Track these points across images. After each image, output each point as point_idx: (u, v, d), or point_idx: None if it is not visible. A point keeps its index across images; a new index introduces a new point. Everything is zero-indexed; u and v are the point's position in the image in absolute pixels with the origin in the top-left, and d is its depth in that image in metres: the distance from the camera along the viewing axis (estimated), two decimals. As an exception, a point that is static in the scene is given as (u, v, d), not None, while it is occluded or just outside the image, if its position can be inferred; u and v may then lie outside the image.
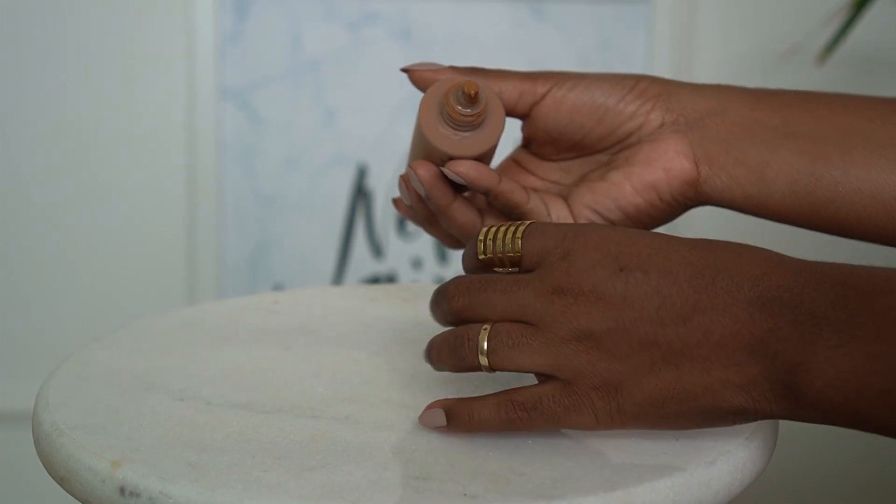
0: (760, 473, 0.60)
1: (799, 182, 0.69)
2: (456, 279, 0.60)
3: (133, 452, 0.56)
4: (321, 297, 0.83)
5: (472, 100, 0.67)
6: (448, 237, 0.74)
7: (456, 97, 0.67)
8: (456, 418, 0.59)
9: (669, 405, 0.55)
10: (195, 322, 0.77)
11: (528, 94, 0.71)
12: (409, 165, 0.70)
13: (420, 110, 0.69)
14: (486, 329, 0.58)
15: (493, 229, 0.61)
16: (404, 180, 0.71)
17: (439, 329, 0.62)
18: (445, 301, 0.60)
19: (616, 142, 0.72)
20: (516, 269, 0.60)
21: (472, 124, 0.68)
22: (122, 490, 0.54)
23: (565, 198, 0.72)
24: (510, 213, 0.70)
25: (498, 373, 0.59)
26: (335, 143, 1.77)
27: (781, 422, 0.63)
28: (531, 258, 0.59)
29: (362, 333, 0.75)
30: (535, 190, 0.73)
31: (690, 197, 0.71)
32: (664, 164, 0.70)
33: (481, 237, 0.61)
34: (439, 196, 0.69)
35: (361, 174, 1.77)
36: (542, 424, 0.57)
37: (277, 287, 1.79)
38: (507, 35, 1.73)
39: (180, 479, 0.54)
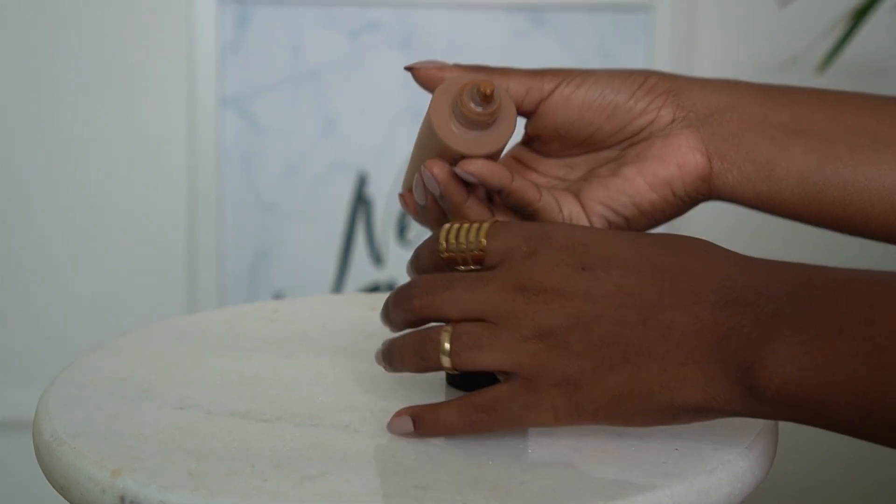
0: (760, 482, 0.60)
1: (808, 180, 0.69)
2: (418, 278, 0.61)
3: (133, 461, 0.57)
4: (321, 306, 0.83)
5: (487, 99, 0.66)
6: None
7: (471, 96, 0.66)
8: (422, 424, 0.59)
9: (627, 402, 0.56)
10: (195, 330, 0.77)
11: (535, 91, 0.70)
12: (424, 165, 0.69)
13: (431, 108, 0.68)
14: (447, 330, 0.58)
15: (457, 226, 0.61)
16: (419, 180, 0.70)
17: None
18: (408, 300, 0.60)
19: (626, 138, 0.71)
20: (479, 267, 0.60)
21: (486, 123, 0.67)
22: (122, 499, 0.54)
23: (576, 194, 0.71)
24: (522, 211, 0.70)
25: None
26: (335, 151, 1.77)
27: (781, 429, 0.63)
28: (495, 256, 0.59)
29: (362, 342, 0.75)
30: (542, 187, 0.72)
31: (703, 192, 0.70)
32: (677, 159, 0.70)
33: (443, 234, 0.61)
34: (454, 195, 0.68)
35: (361, 182, 1.78)
36: (504, 424, 0.58)
37: (277, 294, 1.79)
38: (506, 43, 1.73)
39: (180, 488, 0.54)
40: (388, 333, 0.76)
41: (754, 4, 1.73)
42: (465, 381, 0.66)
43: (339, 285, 1.79)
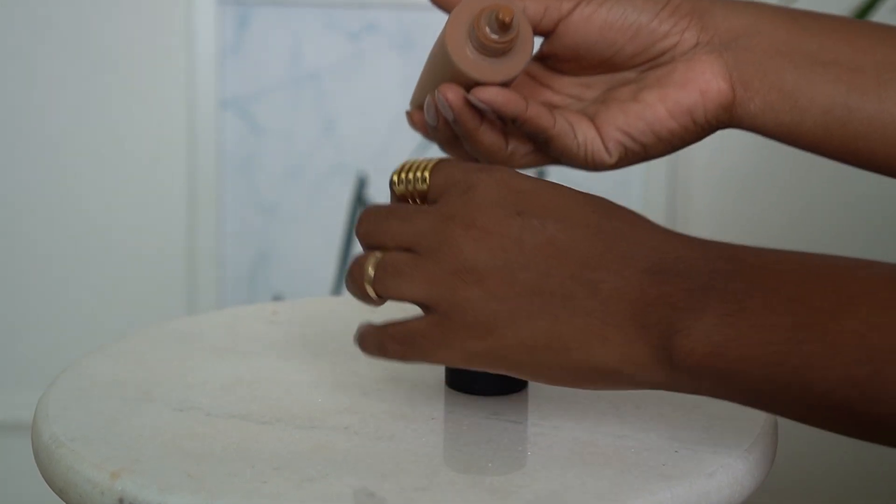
0: (760, 485, 0.60)
1: (832, 112, 0.66)
2: (369, 207, 0.61)
3: (132, 463, 0.56)
4: (321, 308, 0.83)
5: (505, 27, 0.63)
6: (470, 159, 0.71)
7: (488, 22, 0.63)
8: (360, 341, 0.60)
9: (541, 354, 0.55)
10: (194, 332, 0.77)
11: (553, 11, 0.67)
12: (438, 89, 0.67)
13: (445, 31, 0.65)
14: (376, 257, 0.58)
15: (409, 164, 0.61)
16: (431, 102, 0.68)
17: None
18: (356, 226, 0.60)
19: (647, 60, 0.68)
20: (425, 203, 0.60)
21: (502, 51, 0.64)
22: (121, 501, 0.54)
23: (592, 118, 0.69)
24: (536, 137, 0.68)
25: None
26: (335, 153, 1.77)
27: (780, 431, 0.63)
28: (436, 191, 0.59)
29: (362, 344, 0.75)
30: (555, 107, 0.70)
31: (723, 121, 0.68)
32: (700, 85, 0.67)
33: (397, 171, 0.61)
34: (467, 120, 0.67)
35: (361, 184, 1.78)
36: (415, 358, 0.57)
37: (277, 297, 1.79)
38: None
39: (179, 490, 0.54)
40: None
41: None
42: (464, 382, 0.66)
43: (339, 287, 1.79)
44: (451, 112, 0.66)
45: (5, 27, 1.73)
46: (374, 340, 0.59)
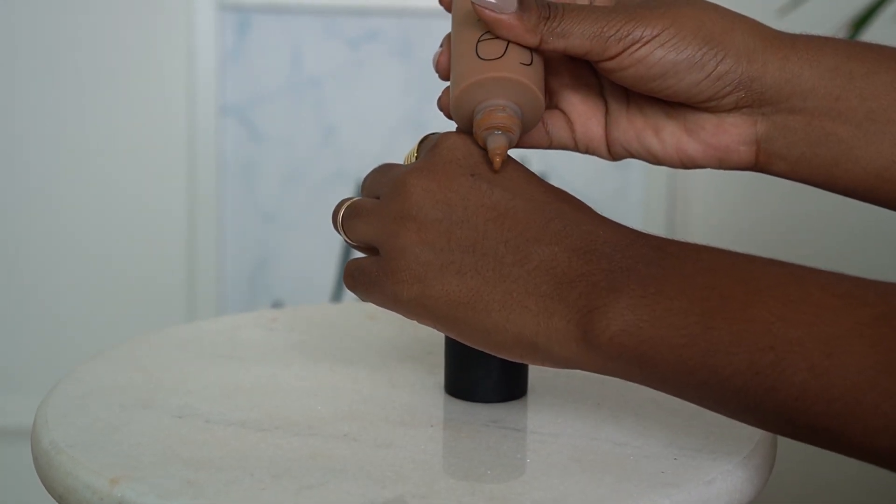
0: (759, 493, 0.60)
1: (889, 169, 0.64)
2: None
3: (131, 470, 0.56)
4: (320, 315, 0.83)
5: None
6: None
7: None
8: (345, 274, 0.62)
9: (463, 311, 0.56)
10: (194, 339, 0.77)
11: (594, 55, 0.62)
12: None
13: None
14: (349, 200, 0.62)
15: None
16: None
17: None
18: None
19: (680, 99, 0.65)
20: None
21: None
22: (120, 508, 0.54)
23: (605, 112, 0.67)
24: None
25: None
26: (335, 160, 1.78)
27: (780, 442, 0.63)
28: (420, 156, 0.62)
29: (361, 351, 0.75)
30: (574, 89, 0.67)
31: (748, 171, 0.67)
32: (722, 151, 0.65)
33: (408, 156, 0.64)
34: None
35: (361, 190, 1.78)
36: (358, 293, 0.60)
37: (277, 303, 1.79)
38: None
39: (178, 497, 0.54)
40: (379, 344, 0.76)
41: (753, 14, 1.74)
42: (463, 389, 0.66)
43: (338, 294, 1.79)
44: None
45: (6, 34, 1.73)
46: (344, 271, 0.62)
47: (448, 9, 0.68)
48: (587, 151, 0.68)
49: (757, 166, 0.67)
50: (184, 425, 0.63)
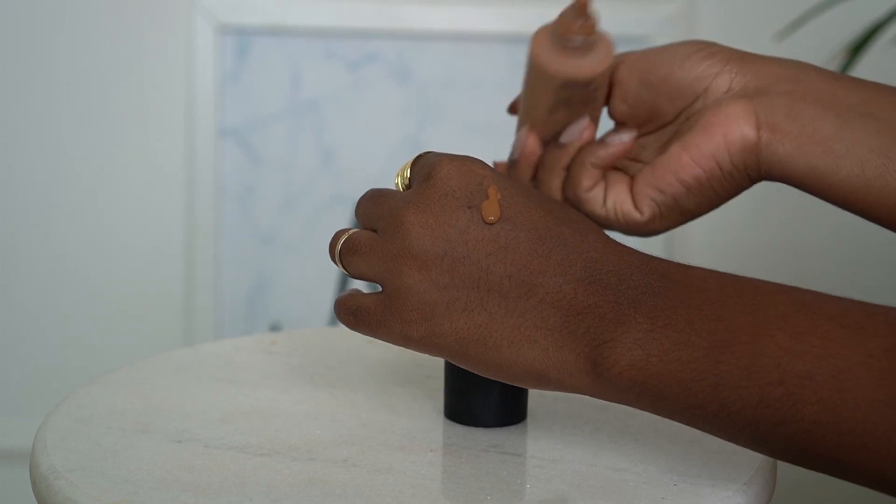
0: (759, 518, 0.59)
1: (870, 162, 0.64)
2: (368, 190, 0.63)
3: (130, 495, 0.56)
4: (319, 338, 0.83)
5: (583, 10, 0.67)
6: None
7: (567, 14, 0.67)
8: (334, 305, 0.62)
9: (473, 347, 0.56)
10: (193, 363, 0.76)
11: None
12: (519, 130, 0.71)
13: (532, 43, 0.69)
14: (348, 234, 0.61)
15: (410, 162, 0.63)
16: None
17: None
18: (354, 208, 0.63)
19: (684, 107, 0.68)
20: None
21: (584, 44, 0.67)
22: (118, 533, 0.54)
23: (632, 176, 0.70)
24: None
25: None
26: (334, 183, 1.78)
27: (780, 468, 0.63)
28: (413, 179, 0.61)
29: (360, 375, 0.75)
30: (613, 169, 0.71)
31: (752, 167, 0.66)
32: (723, 129, 0.66)
33: (399, 172, 0.63)
34: (524, 168, 0.71)
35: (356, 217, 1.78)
36: (360, 331, 0.60)
37: (275, 326, 1.78)
38: (505, 76, 1.74)
39: (177, 523, 0.54)
40: (378, 368, 0.76)
41: (750, 38, 1.74)
42: (463, 414, 0.66)
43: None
44: (517, 152, 0.71)
45: (5, 55, 1.73)
46: (339, 309, 0.61)
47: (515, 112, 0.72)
48: (620, 221, 0.70)
49: (761, 147, 0.66)
50: (183, 450, 0.62)
